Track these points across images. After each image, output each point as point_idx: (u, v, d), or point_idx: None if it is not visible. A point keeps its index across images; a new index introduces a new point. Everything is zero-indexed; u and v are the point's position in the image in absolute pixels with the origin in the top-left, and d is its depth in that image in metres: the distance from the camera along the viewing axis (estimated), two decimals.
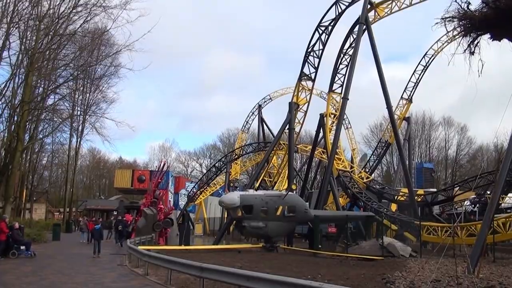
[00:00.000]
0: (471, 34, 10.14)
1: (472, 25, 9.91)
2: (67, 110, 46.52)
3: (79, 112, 56.51)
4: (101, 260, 22.47)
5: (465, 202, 40.43)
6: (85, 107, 57.78)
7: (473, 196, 40.29)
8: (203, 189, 58.67)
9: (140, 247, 21.63)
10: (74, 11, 32.95)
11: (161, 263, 15.78)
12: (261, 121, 67.58)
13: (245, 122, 68.54)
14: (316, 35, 39.21)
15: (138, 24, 26.90)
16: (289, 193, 31.04)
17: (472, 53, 10.19)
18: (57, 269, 18.15)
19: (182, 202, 66.06)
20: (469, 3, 9.93)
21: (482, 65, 10.13)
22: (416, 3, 38.19)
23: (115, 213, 71.57)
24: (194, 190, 59.47)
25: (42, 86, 42.14)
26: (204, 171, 76.11)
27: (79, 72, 40.72)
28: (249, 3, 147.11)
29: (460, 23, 10.04)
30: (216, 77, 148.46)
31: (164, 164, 48.28)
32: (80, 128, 60.00)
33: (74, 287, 13.80)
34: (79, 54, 36.12)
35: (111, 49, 41.88)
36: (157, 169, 51.10)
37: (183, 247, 30.72)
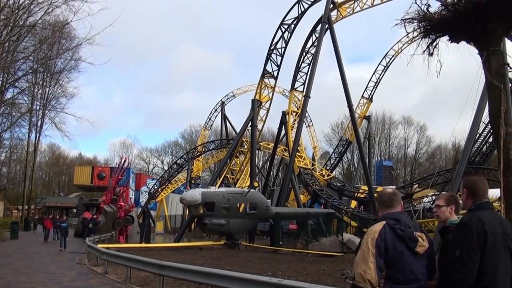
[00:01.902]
0: (430, 36, 10.35)
1: (431, 27, 10.12)
2: (26, 104, 45.45)
3: (38, 107, 55.25)
4: (60, 259, 22.07)
5: (424, 199, 41.42)
6: (44, 102, 56.50)
7: (431, 194, 41.29)
8: (164, 186, 58.26)
9: (100, 245, 21.34)
10: (34, 2, 32.08)
11: (121, 261, 15.62)
12: (224, 118, 67.48)
13: (208, 119, 68.33)
14: (279, 33, 39.50)
15: (101, 18, 26.45)
16: (251, 190, 31.13)
17: (430, 54, 10.41)
18: (15, 268, 17.71)
19: (143, 199, 65.43)
20: (429, 5, 10.13)
21: (441, 66, 10.36)
22: (378, 4, 38.88)
23: (74, 210, 70.33)
24: (156, 187, 58.99)
25: (1, 79, 40.98)
26: (166, 168, 75.44)
27: (39, 66, 39.76)
28: (219, 0, 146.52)
29: (420, 24, 10.24)
30: (184, 74, 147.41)
31: (124, 161, 47.74)
32: (39, 123, 58.67)
33: (33, 286, 13.50)
34: (39, 46, 35.23)
35: (72, 42, 41.01)
36: (117, 166, 50.42)
37: (143, 245, 30.46)
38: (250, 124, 40.13)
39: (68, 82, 56.04)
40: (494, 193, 36.11)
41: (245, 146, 49.46)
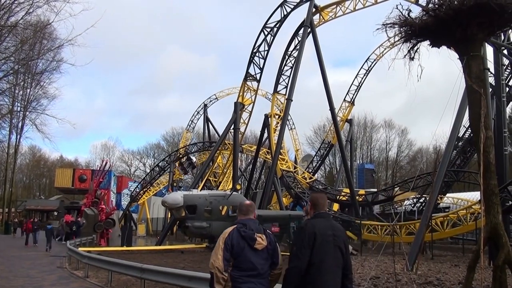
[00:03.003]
0: (411, 41, 10.47)
1: (412, 32, 10.24)
2: (6, 105, 44.80)
3: (19, 108, 54.53)
4: (40, 263, 21.80)
5: (405, 202, 41.79)
6: (25, 103, 55.78)
7: (412, 196, 41.67)
8: (146, 189, 57.94)
9: (81, 249, 21.13)
10: (16, 2, 31.69)
11: (102, 265, 15.48)
12: (207, 120, 67.37)
13: (190, 121, 68.17)
14: (262, 36, 39.61)
15: (83, 19, 26.23)
16: (234, 193, 31.12)
17: (411, 58, 10.53)
18: None
19: (125, 202, 64.98)
20: (410, 11, 10.25)
21: (422, 71, 10.49)
22: (360, 8, 39.12)
23: (55, 213, 69.56)
24: (137, 190, 58.63)
25: None
26: (148, 170, 75.03)
27: (20, 66, 39.27)
28: (206, 3, 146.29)
29: (401, 29, 10.35)
30: (169, 77, 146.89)
31: (106, 163, 47.36)
32: (19, 124, 57.96)
33: None
34: (20, 47, 34.78)
35: (54, 43, 40.57)
36: (99, 169, 49.99)
37: (125, 248, 30.22)
38: (232, 126, 40.15)
39: (50, 83, 55.28)
40: (474, 195, 36.67)
41: (228, 149, 49.40)
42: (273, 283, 5.12)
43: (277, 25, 39.46)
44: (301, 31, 40.33)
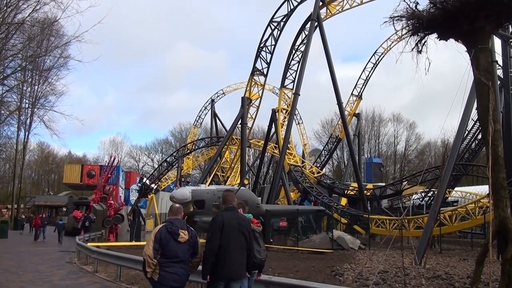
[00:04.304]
0: (419, 34, 10.40)
1: (419, 25, 10.16)
2: (14, 102, 45.04)
3: (27, 105, 54.77)
4: (50, 258, 21.93)
5: (413, 196, 41.69)
6: (33, 100, 55.99)
7: (421, 191, 41.56)
8: (155, 184, 58.05)
9: (90, 244, 21.24)
10: None
11: (110, 260, 15.52)
12: (214, 115, 67.43)
13: (198, 117, 68.25)
14: (268, 31, 39.54)
15: (90, 15, 26.29)
16: (241, 188, 31.12)
17: (419, 51, 10.47)
18: (4, 267, 17.55)
19: (133, 197, 65.15)
20: (417, 3, 10.18)
21: (429, 64, 10.42)
22: (367, 1, 39.03)
23: (64, 209, 69.89)
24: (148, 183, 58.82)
25: None
26: (156, 166, 75.22)
27: (27, 63, 39.44)
28: (214, 0, 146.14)
29: (408, 22, 10.28)
30: (179, 73, 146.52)
31: (114, 159, 47.51)
32: (28, 121, 58.17)
33: (22, 285, 13.40)
34: (27, 44, 34.93)
35: (61, 40, 40.69)
36: (107, 164, 50.16)
37: (133, 243, 30.34)
38: (240, 121, 40.15)
39: (57, 80, 55.47)
40: (482, 189, 36.52)
41: (236, 144, 49.44)
42: (194, 268, 6.72)
43: (284, 19, 39.36)
44: (308, 25, 40.23)
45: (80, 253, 20.84)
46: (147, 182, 54.47)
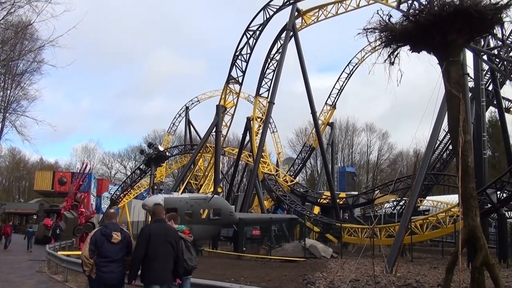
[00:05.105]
0: (392, 45, 10.59)
1: (392, 37, 10.35)
2: None
3: None
4: (19, 267, 21.48)
5: (385, 205, 42.12)
6: (5, 104, 54.91)
7: (392, 199, 42.01)
8: (126, 192, 57.47)
9: (60, 253, 20.88)
10: None
11: (81, 269, 15.26)
12: (188, 123, 67.07)
13: (172, 124, 67.82)
14: (244, 39, 39.59)
15: (66, 20, 25.99)
16: (215, 196, 31.02)
17: (392, 63, 10.65)
18: None
19: (105, 205, 64.37)
20: (391, 16, 10.37)
21: (401, 75, 10.62)
22: (342, 13, 39.36)
23: (35, 217, 68.59)
24: (118, 193, 58.13)
25: None
26: (128, 173, 74.41)
27: (0, 67, 38.77)
28: (195, 7, 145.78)
29: (381, 34, 10.46)
30: (157, 80, 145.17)
31: (86, 166, 46.92)
32: None
33: None
34: (1, 47, 34.34)
35: (35, 43, 40.11)
36: (79, 171, 49.48)
37: None
38: (214, 129, 40.08)
39: (30, 84, 54.49)
40: (453, 198, 37.11)
41: (210, 152, 49.29)
42: (129, 266, 7.23)
43: (260, 28, 39.50)
44: (283, 35, 40.55)
45: (50, 262, 20.45)
46: (160, 148, 53.06)
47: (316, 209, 44.98)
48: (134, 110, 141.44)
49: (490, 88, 31.02)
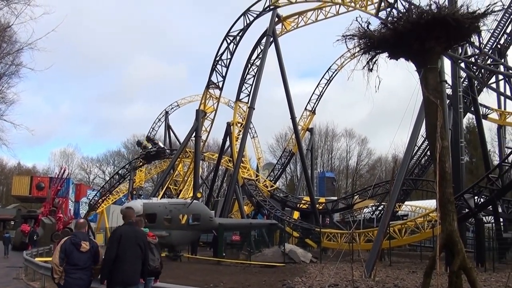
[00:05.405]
0: (370, 52, 10.71)
1: (371, 44, 10.47)
2: None
3: None
4: None
5: (364, 210, 42.37)
6: None
7: (371, 204, 42.29)
8: (105, 197, 56.92)
9: (38, 259, 20.60)
10: None
11: None
12: (168, 128, 66.71)
13: (151, 129, 67.33)
14: (225, 45, 39.63)
15: (45, 23, 25.70)
16: (194, 201, 30.90)
17: (370, 70, 10.77)
18: None
19: (83, 211, 63.65)
20: (369, 23, 10.49)
21: (380, 82, 10.74)
22: (322, 19, 39.63)
23: (12, 223, 67.47)
24: (96, 198, 57.55)
25: None
26: (107, 178, 73.70)
27: None
28: (177, 13, 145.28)
29: (360, 41, 10.58)
30: (137, 85, 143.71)
31: (64, 171, 46.41)
32: None
33: None
34: None
35: (13, 46, 39.58)
36: (57, 176, 48.90)
37: None
38: (194, 134, 39.97)
39: (8, 88, 53.75)
40: (431, 203, 37.53)
41: (189, 157, 49.08)
42: (95, 275, 7.63)
43: (240, 34, 39.58)
44: (263, 40, 40.69)
45: (27, 268, 20.16)
46: (161, 145, 52.44)
47: (296, 214, 45.07)
48: (114, 115, 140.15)
49: (468, 95, 31.48)
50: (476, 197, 24.73)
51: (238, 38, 39.64)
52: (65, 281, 7.36)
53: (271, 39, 40.10)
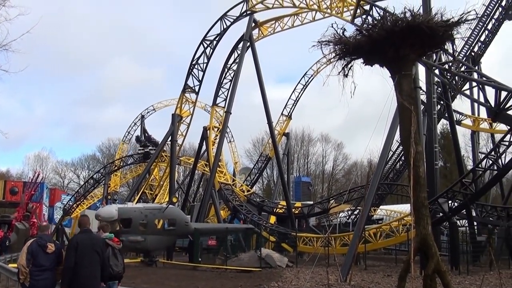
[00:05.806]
0: (345, 58, 10.82)
1: (346, 50, 10.58)
2: None
3: None
4: None
5: (340, 214, 42.69)
6: None
7: (347, 209, 42.64)
8: (80, 202, 56.23)
9: (11, 265, 20.22)
10: None
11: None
12: (144, 132, 66.23)
13: (127, 133, 66.77)
14: (201, 49, 39.54)
15: (21, 25, 25.42)
16: (170, 206, 30.72)
17: (346, 75, 10.89)
18: None
19: (57, 215, 62.74)
20: (345, 30, 10.60)
21: (355, 87, 10.87)
22: (298, 25, 39.97)
23: None
24: (70, 203, 56.81)
25: None
26: (82, 183, 72.81)
27: None
28: (156, 17, 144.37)
29: (335, 47, 10.68)
30: (115, 88, 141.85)
31: (38, 175, 45.76)
32: None
33: None
34: None
35: None
36: (30, 181, 48.16)
37: None
38: (170, 138, 39.78)
39: None
40: (406, 208, 37.99)
41: (165, 161, 48.82)
42: (59, 275, 7.84)
43: (217, 38, 39.57)
44: (240, 45, 40.78)
45: (0, 275, 19.79)
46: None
47: (272, 219, 45.16)
48: (89, 118, 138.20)
49: (442, 101, 31.96)
50: (450, 202, 25.13)
51: (215, 42, 39.63)
52: (30, 282, 7.67)
53: (248, 44, 40.19)
